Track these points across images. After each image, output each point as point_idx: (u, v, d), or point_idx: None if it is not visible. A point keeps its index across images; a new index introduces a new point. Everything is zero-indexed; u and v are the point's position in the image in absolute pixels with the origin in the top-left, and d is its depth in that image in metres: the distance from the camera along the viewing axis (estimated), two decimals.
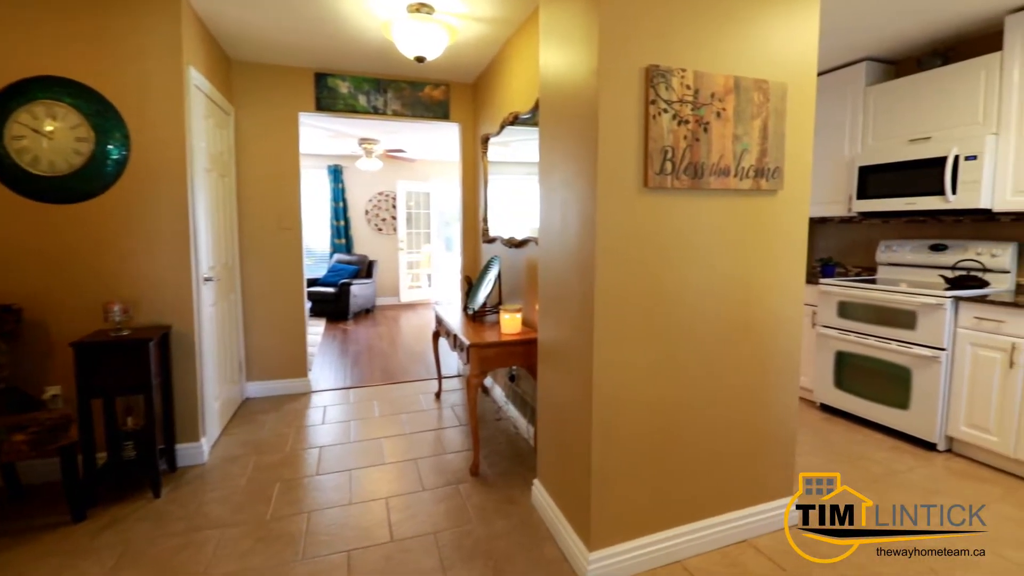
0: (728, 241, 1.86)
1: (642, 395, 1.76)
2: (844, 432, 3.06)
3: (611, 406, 1.71)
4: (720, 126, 1.77)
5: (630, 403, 1.74)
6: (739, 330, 1.92)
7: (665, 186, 1.70)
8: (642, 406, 1.77)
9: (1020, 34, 2.69)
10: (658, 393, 1.79)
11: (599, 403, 1.69)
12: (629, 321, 1.70)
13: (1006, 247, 2.93)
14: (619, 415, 1.73)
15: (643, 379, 1.75)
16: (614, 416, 1.72)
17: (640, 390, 1.75)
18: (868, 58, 3.50)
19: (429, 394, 3.73)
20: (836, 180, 3.66)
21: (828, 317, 3.35)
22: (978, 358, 2.65)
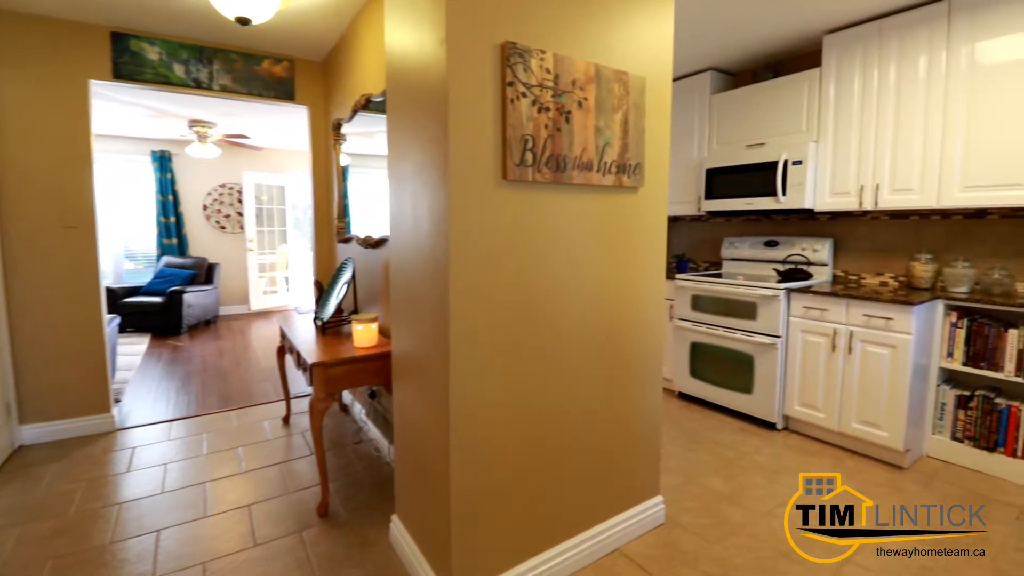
0: (593, 240, 1.75)
1: (507, 409, 1.57)
2: (700, 419, 3.23)
3: (472, 424, 1.49)
4: (582, 117, 1.64)
5: (494, 419, 1.54)
6: (606, 332, 1.83)
7: (526, 179, 1.52)
8: (507, 421, 1.58)
9: (835, 52, 3.02)
10: (525, 405, 1.61)
11: (458, 421, 1.46)
12: (490, 327, 1.50)
13: (825, 242, 3.31)
14: (482, 433, 1.52)
15: (507, 391, 1.57)
16: (476, 435, 1.51)
17: (504, 404, 1.56)
18: (712, 68, 3.75)
19: (276, 419, 3.22)
20: (687, 181, 3.88)
21: (683, 310, 3.52)
22: (807, 343, 2.92)
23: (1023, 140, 2.37)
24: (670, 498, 2.22)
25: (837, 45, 3.00)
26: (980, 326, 2.55)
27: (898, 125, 2.77)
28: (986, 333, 2.53)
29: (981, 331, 2.54)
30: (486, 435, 1.53)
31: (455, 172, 1.38)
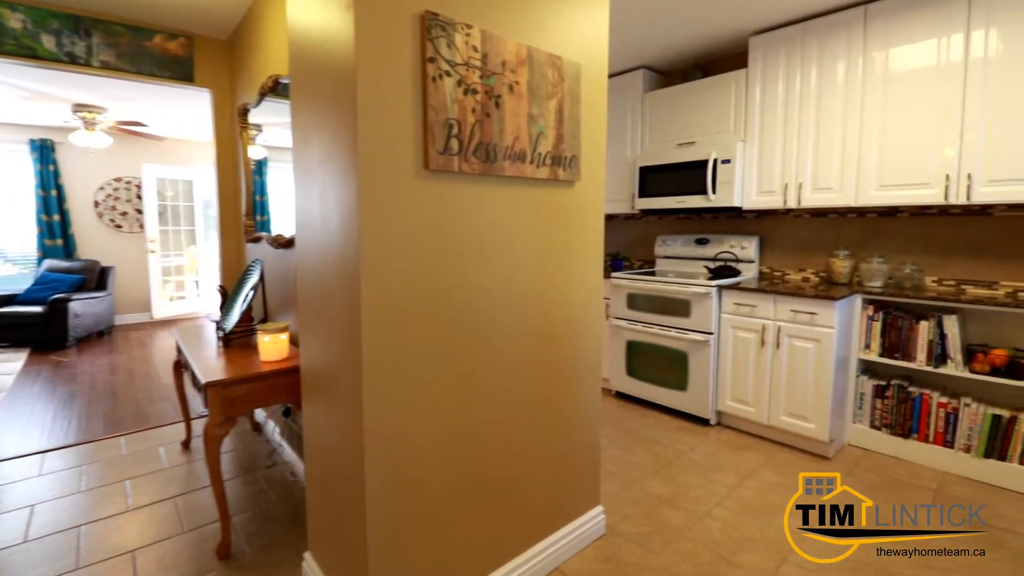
0: (527, 237, 1.61)
1: (433, 426, 1.39)
2: (638, 418, 3.20)
3: (392, 445, 1.31)
4: (513, 102, 1.49)
5: (418, 438, 1.36)
6: (543, 336, 1.69)
7: (451, 169, 1.35)
8: (435, 440, 1.40)
9: (760, 54, 3.08)
10: (454, 420, 1.44)
11: (374, 442, 1.27)
12: (411, 336, 1.32)
13: (752, 240, 3.38)
14: (404, 455, 1.34)
15: (434, 406, 1.39)
16: (397, 457, 1.32)
17: (430, 420, 1.39)
18: (644, 66, 3.74)
19: (175, 444, 2.83)
20: (622, 179, 3.86)
21: (619, 309, 3.49)
22: (738, 339, 2.96)
23: (930, 143, 2.49)
24: (610, 506, 2.14)
25: (762, 46, 3.07)
26: (894, 318, 2.67)
27: (819, 127, 2.86)
28: (899, 325, 2.65)
29: (895, 323, 2.67)
30: (408, 457, 1.35)
31: (365, 160, 1.18)
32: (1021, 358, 2.35)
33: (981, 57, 2.34)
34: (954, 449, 2.51)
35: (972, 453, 2.46)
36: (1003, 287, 2.56)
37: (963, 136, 2.40)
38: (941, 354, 2.54)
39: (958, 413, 2.51)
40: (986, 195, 2.36)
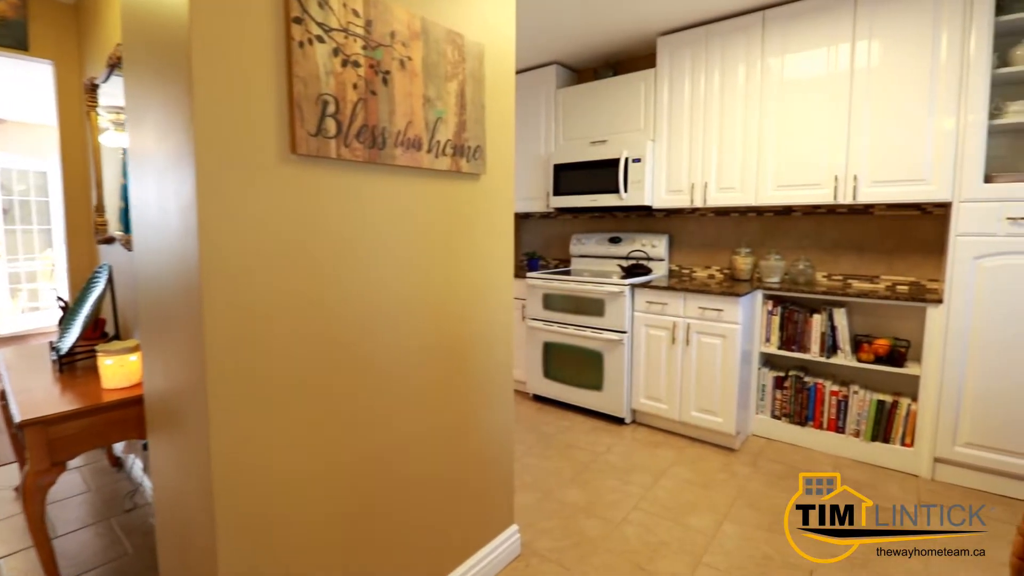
0: (425, 236, 1.43)
1: (302, 459, 1.17)
2: (555, 420, 3.12)
3: (249, 485, 1.07)
4: (406, 80, 1.31)
5: (287, 475, 1.14)
6: (445, 346, 1.52)
7: (327, 154, 1.14)
8: (311, 475, 1.18)
9: (667, 55, 3.11)
10: (330, 451, 1.23)
11: (226, 483, 1.03)
12: (271, 356, 1.09)
13: (662, 238, 3.43)
14: (266, 496, 1.11)
15: (303, 437, 1.17)
16: (256, 499, 1.09)
17: (299, 453, 1.16)
18: (557, 62, 3.68)
19: (6, 490, 2.33)
20: (536, 176, 3.78)
21: (535, 310, 3.40)
22: (650, 337, 2.97)
23: (821, 146, 2.63)
24: (526, 521, 2.01)
25: (669, 47, 3.10)
26: (791, 312, 2.80)
27: (722, 128, 2.93)
28: (796, 319, 2.78)
29: (792, 317, 2.79)
30: (275, 498, 1.12)
31: (205, 142, 0.94)
32: (900, 347, 2.54)
33: (865, 67, 2.49)
34: (845, 434, 2.66)
35: (861, 437, 2.62)
36: (883, 281, 2.77)
37: (850, 140, 2.54)
38: (832, 345, 2.69)
39: (848, 400, 2.67)
40: (869, 195, 2.52)
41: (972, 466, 2.31)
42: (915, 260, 2.67)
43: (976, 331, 2.25)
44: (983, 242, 2.22)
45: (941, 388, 2.34)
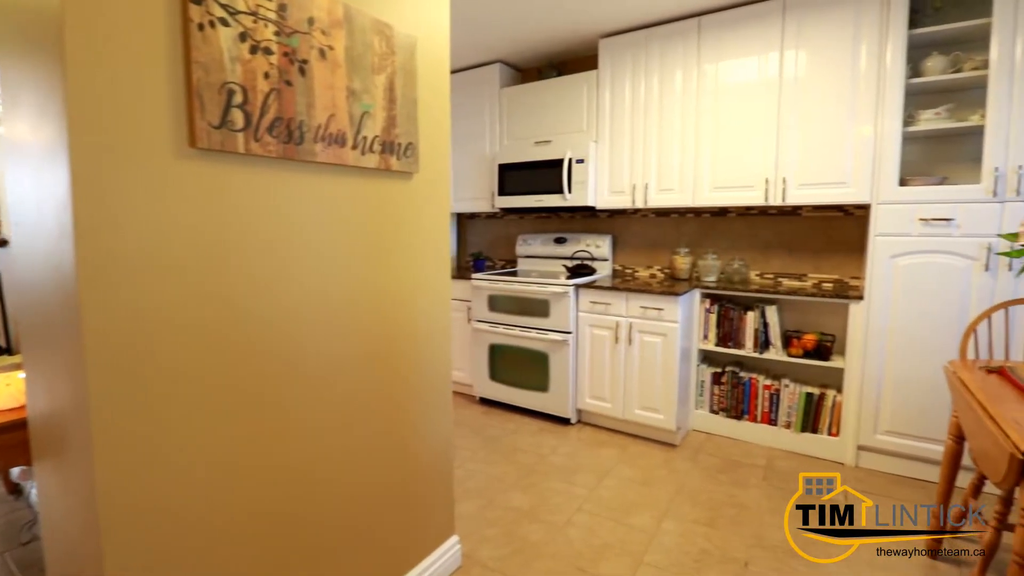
0: (355, 237, 1.35)
1: (217, 485, 1.08)
2: (501, 423, 3.09)
3: (145, 522, 0.96)
4: (326, 71, 1.22)
5: (193, 504, 1.04)
6: (375, 355, 1.45)
7: (234, 148, 1.04)
8: (221, 503, 1.09)
9: (609, 57, 3.14)
10: (254, 471, 1.14)
11: (115, 522, 0.92)
12: (170, 373, 0.99)
13: (606, 238, 3.46)
14: (169, 529, 1.00)
15: (216, 458, 1.07)
16: (157, 537, 0.98)
17: (212, 479, 1.07)
18: (500, 61, 3.64)
19: None
20: (481, 176, 3.73)
21: (481, 311, 3.35)
22: (594, 337, 2.99)
23: (754, 150, 2.72)
24: (468, 530, 1.96)
25: (610, 50, 3.12)
26: (727, 310, 2.88)
27: (662, 130, 2.99)
28: (731, 316, 2.87)
29: (728, 315, 2.88)
30: (178, 528, 1.01)
31: (82, 131, 0.83)
32: (826, 341, 2.67)
33: (792, 76, 2.59)
34: (778, 426, 2.78)
35: (792, 429, 2.74)
36: (811, 279, 2.90)
37: (779, 144, 2.65)
38: (765, 341, 2.80)
39: (779, 393, 2.78)
40: (797, 197, 2.63)
41: (892, 452, 2.45)
42: (839, 259, 2.82)
43: (893, 325, 2.40)
44: (899, 242, 2.37)
45: (863, 380, 2.48)
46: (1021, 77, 2.08)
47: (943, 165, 2.47)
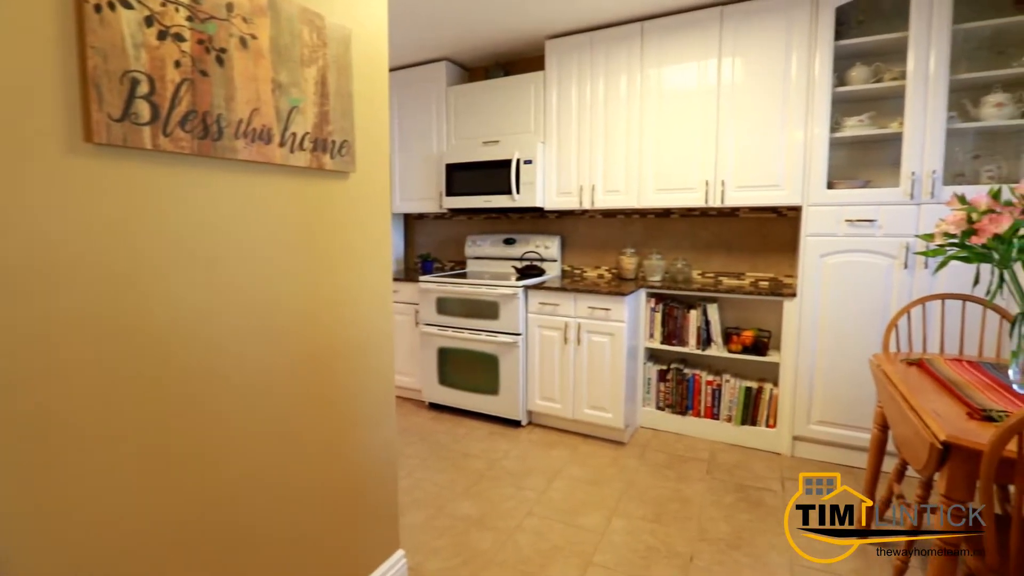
0: (285, 240, 1.26)
1: (130, 518, 0.98)
2: (450, 428, 3.03)
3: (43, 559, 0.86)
4: (248, 62, 1.14)
5: (104, 540, 0.93)
6: (314, 360, 1.37)
7: (141, 144, 0.94)
8: (138, 539, 0.98)
9: (556, 58, 3.14)
10: (167, 501, 1.04)
11: None
12: (66, 393, 0.88)
13: (554, 239, 3.47)
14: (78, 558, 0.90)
15: (129, 489, 0.97)
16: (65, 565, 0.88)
17: (126, 510, 0.97)
18: (447, 59, 3.57)
19: None
20: (428, 176, 3.65)
21: (429, 314, 3.28)
22: (544, 338, 2.99)
23: (694, 153, 2.79)
24: (415, 543, 1.90)
25: (557, 51, 3.13)
26: (671, 309, 2.95)
27: (608, 133, 3.02)
28: (675, 315, 2.94)
29: (672, 313, 2.95)
30: (85, 555, 0.91)
31: None
32: (763, 337, 2.78)
33: (730, 82, 2.68)
34: (720, 420, 2.87)
35: (733, 422, 2.84)
36: (749, 277, 3.02)
37: (718, 148, 2.73)
38: (707, 338, 2.88)
39: (721, 388, 2.87)
40: (735, 199, 2.73)
41: (824, 441, 2.58)
42: (774, 258, 2.94)
43: (823, 321, 2.52)
44: (827, 242, 2.49)
45: (797, 373, 2.60)
46: (934, 88, 2.23)
47: (866, 169, 2.63)
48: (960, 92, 2.32)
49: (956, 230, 1.36)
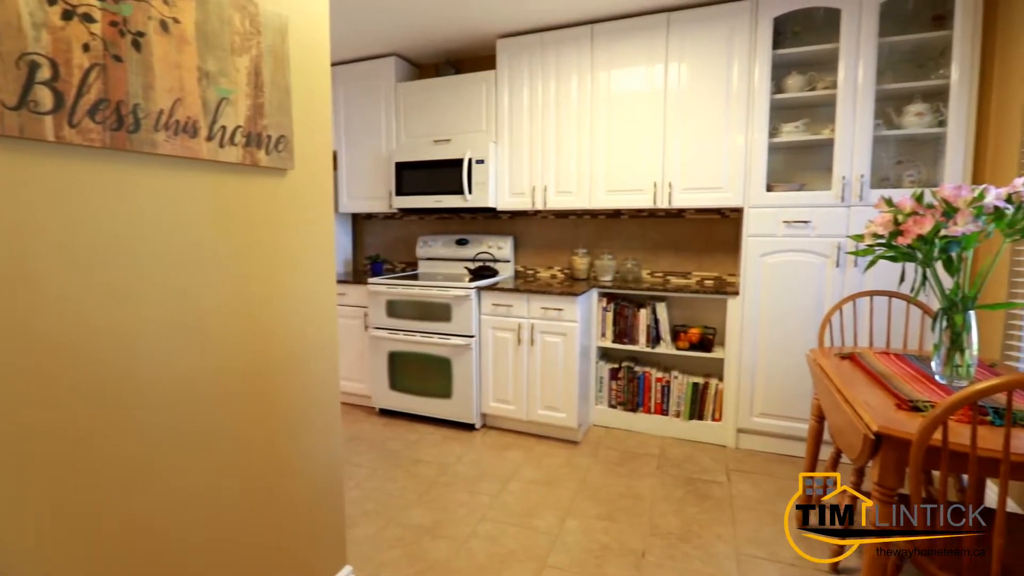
0: (215, 242, 1.17)
1: (46, 549, 0.87)
2: (403, 435, 2.95)
3: None
4: (170, 48, 1.04)
5: None
6: (250, 371, 1.28)
7: (42, 135, 0.84)
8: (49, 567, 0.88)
9: (507, 58, 3.12)
10: (84, 535, 0.94)
11: None
12: None
13: (507, 240, 3.45)
14: None
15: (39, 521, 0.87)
16: None
17: (42, 542, 0.86)
18: (396, 54, 3.48)
19: None
20: (377, 175, 3.55)
21: (379, 318, 3.18)
22: (497, 340, 2.96)
23: (643, 156, 2.85)
24: (365, 556, 1.83)
25: (508, 51, 3.11)
26: (622, 308, 3.00)
27: (559, 134, 3.03)
28: (626, 314, 2.99)
29: (623, 312, 3.00)
30: None
31: None
32: (709, 334, 2.86)
33: (676, 87, 2.75)
34: (669, 416, 2.94)
35: (681, 417, 2.91)
36: (695, 276, 3.11)
37: (665, 151, 2.80)
38: (656, 336, 2.94)
39: (670, 385, 2.94)
40: (682, 201, 2.80)
41: (766, 433, 2.69)
42: (719, 258, 3.04)
43: (764, 318, 2.63)
44: (767, 242, 2.60)
45: (740, 368, 2.69)
46: (863, 97, 2.37)
47: (802, 173, 2.76)
48: (885, 101, 2.47)
49: (884, 231, 1.44)
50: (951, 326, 1.41)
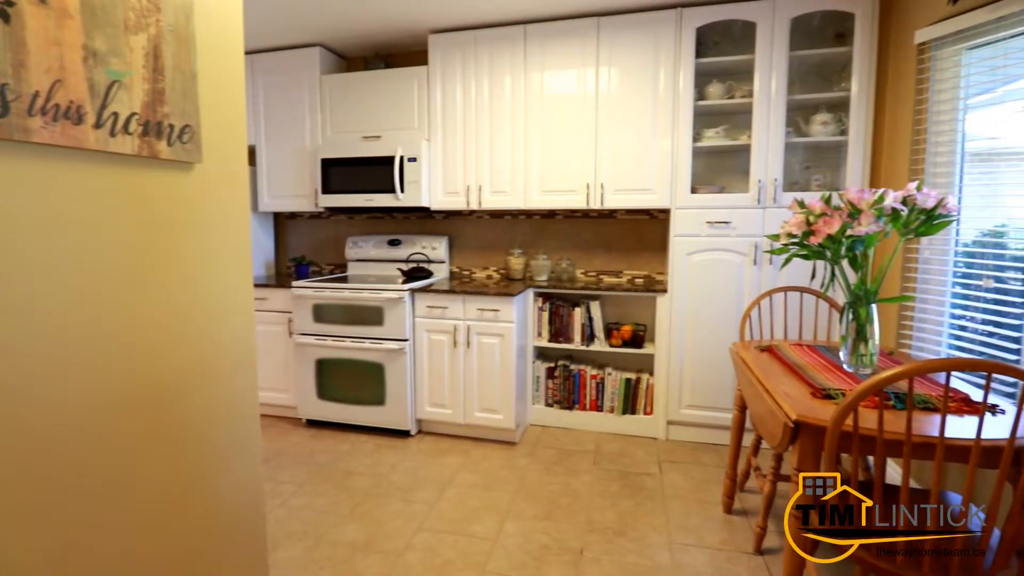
0: (105, 245, 1.04)
1: None
2: (333, 446, 2.81)
3: None
4: (47, 21, 0.91)
5: None
6: (152, 391, 1.15)
7: None
8: None
9: (439, 54, 3.05)
10: None
11: None
12: None
13: (442, 240, 3.38)
14: None
15: None
16: None
17: None
18: (322, 45, 3.31)
19: None
20: (302, 172, 3.36)
21: (304, 323, 3.01)
22: (432, 343, 2.89)
23: (576, 157, 2.89)
24: None
25: (440, 47, 3.05)
26: (558, 307, 3.03)
27: (493, 133, 3.01)
28: (561, 313, 3.02)
29: (559, 312, 3.03)
30: None
31: None
32: (640, 331, 2.95)
33: (607, 91, 2.81)
34: (604, 412, 3.00)
35: (615, 412, 2.98)
36: (626, 275, 3.20)
37: (597, 153, 2.85)
38: (591, 334, 3.00)
39: (604, 381, 3.01)
40: (613, 201, 2.87)
41: (694, 423, 2.82)
42: (648, 257, 3.15)
43: (690, 314, 2.75)
44: (692, 241, 2.72)
45: (669, 362, 2.80)
46: (775, 106, 2.54)
47: (722, 176, 2.91)
48: (795, 111, 2.66)
49: (798, 231, 1.54)
50: (856, 318, 1.52)
